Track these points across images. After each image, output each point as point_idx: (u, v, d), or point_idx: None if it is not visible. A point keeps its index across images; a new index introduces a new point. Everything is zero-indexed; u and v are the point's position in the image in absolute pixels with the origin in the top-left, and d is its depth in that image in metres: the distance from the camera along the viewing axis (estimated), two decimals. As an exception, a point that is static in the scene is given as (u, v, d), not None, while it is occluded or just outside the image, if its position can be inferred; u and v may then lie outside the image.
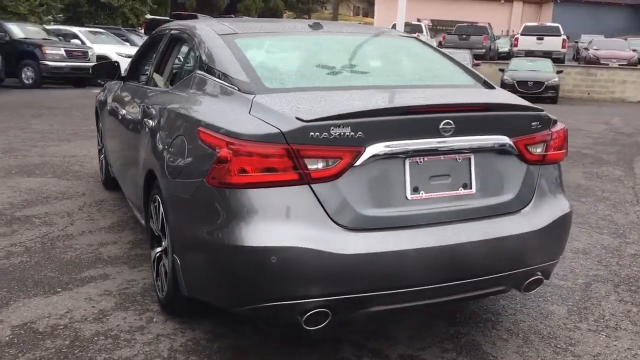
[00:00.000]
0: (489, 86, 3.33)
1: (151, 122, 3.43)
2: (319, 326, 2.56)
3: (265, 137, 2.46)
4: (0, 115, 11.10)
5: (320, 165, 2.48)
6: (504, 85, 21.08)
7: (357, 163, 2.51)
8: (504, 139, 2.79)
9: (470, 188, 2.76)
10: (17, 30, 17.71)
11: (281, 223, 2.46)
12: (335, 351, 3.01)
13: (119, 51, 19.32)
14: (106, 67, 5.01)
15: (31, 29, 18.53)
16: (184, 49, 3.87)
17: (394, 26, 29.38)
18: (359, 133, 2.49)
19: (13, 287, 3.64)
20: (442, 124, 2.61)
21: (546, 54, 24.52)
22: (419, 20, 39.57)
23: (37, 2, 26.74)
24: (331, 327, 2.61)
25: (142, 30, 26.77)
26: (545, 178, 2.98)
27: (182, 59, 3.94)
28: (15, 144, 8.33)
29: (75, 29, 21.36)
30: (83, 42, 19.87)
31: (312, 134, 2.45)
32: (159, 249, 3.33)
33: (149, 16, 31.41)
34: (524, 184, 2.88)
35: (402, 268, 2.56)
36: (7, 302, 3.44)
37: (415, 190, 2.64)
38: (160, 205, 3.14)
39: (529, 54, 24.86)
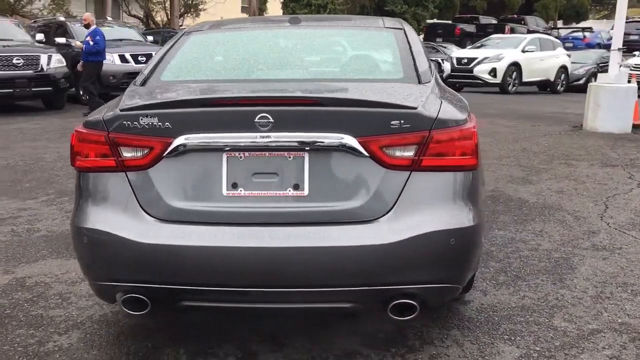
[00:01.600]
0: (420, 82, 2.89)
1: None
2: (142, 312, 2.63)
3: (94, 124, 2.63)
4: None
5: (134, 154, 2.56)
6: None
7: (166, 154, 2.51)
8: (344, 138, 2.45)
9: (302, 190, 2.50)
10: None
11: (99, 207, 2.61)
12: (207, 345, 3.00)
13: None
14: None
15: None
16: None
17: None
18: (167, 124, 2.49)
19: (55, 249, 4.36)
20: (257, 117, 2.44)
21: None
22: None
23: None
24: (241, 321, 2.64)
25: (421, 36, 27.50)
26: (420, 186, 2.51)
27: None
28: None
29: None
30: None
31: (125, 122, 2.54)
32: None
33: (429, 21, 32.07)
34: (380, 190, 2.49)
35: (205, 265, 2.48)
36: (36, 260, 4.16)
37: (233, 186, 2.51)
38: None
39: None
